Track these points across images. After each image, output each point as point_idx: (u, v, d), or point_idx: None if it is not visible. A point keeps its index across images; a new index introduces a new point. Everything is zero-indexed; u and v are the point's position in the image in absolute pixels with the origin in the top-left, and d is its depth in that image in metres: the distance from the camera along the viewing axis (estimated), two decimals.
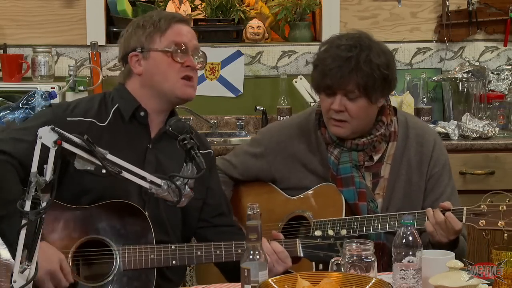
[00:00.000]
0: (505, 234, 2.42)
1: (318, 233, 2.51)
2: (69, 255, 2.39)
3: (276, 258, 2.41)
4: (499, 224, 2.42)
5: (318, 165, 2.74)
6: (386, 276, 2.09)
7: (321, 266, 2.45)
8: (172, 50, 2.49)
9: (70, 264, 2.37)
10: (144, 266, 2.39)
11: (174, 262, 2.42)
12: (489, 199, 2.46)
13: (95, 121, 2.51)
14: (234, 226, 2.69)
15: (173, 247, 2.42)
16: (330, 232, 2.53)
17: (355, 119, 2.62)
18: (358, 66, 2.54)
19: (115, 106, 2.55)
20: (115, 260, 2.39)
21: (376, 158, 2.71)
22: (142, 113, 2.53)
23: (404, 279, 2.02)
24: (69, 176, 2.41)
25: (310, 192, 2.73)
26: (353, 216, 2.62)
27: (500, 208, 2.43)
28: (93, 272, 2.40)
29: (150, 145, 2.54)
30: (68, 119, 2.47)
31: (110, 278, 2.38)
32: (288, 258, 2.44)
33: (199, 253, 2.43)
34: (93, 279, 2.39)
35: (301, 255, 2.46)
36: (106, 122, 2.51)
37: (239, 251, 2.43)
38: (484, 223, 2.44)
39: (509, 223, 2.41)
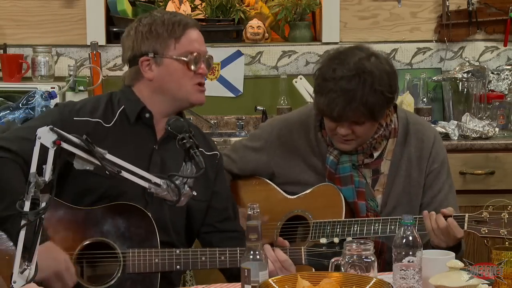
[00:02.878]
0: (507, 243, 2.41)
1: (323, 240, 2.49)
2: (73, 257, 2.38)
3: (280, 266, 2.39)
4: (501, 232, 2.42)
5: (317, 162, 2.74)
6: (386, 276, 2.09)
7: None
8: (188, 60, 2.51)
9: (74, 265, 2.37)
10: (148, 270, 2.38)
11: (178, 267, 2.41)
12: (490, 206, 2.45)
13: (101, 121, 2.52)
14: (240, 232, 2.66)
15: (177, 251, 2.41)
16: (336, 240, 2.51)
17: (361, 138, 2.63)
18: (363, 99, 2.51)
19: (121, 108, 2.55)
20: (119, 263, 2.39)
21: (376, 154, 2.71)
22: (147, 115, 2.54)
23: (404, 279, 2.02)
24: (73, 176, 2.42)
25: (309, 191, 2.72)
26: (353, 219, 2.62)
27: (502, 215, 2.43)
28: (96, 274, 2.39)
29: (156, 146, 2.55)
30: (74, 118, 2.48)
31: (113, 281, 2.37)
32: (292, 266, 2.41)
33: (203, 258, 2.42)
34: (97, 281, 2.38)
35: (305, 263, 2.43)
36: (112, 123, 2.52)
37: None
38: (486, 231, 2.43)
39: (511, 232, 2.41)
